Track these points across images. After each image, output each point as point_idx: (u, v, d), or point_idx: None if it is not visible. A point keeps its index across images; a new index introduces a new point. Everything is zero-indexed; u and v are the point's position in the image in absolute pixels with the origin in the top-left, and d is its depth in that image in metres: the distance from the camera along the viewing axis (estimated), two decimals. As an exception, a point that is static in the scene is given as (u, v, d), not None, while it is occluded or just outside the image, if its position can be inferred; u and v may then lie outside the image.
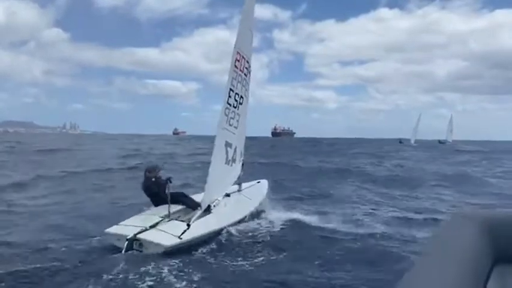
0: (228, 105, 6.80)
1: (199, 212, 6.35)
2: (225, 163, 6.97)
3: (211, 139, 7.38)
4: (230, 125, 6.94)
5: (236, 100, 6.99)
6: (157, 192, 6.62)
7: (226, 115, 6.80)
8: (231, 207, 7.11)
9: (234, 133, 7.09)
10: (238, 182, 8.10)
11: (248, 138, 8.25)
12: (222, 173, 6.88)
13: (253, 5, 7.35)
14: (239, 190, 8.06)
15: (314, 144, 58.12)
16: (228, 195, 7.55)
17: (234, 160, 7.30)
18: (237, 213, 6.90)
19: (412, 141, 56.61)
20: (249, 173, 8.73)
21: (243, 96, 7.23)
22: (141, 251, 5.52)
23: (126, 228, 5.81)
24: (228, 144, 6.96)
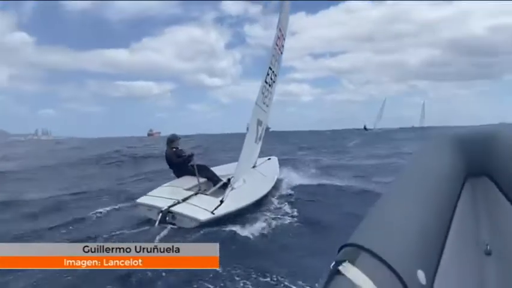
0: (265, 83, 6.70)
1: (228, 190, 6.34)
2: (255, 141, 6.95)
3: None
4: (264, 103, 6.87)
5: (271, 79, 6.89)
6: (178, 163, 6.58)
7: (263, 93, 6.71)
8: (251, 184, 7.11)
9: (265, 111, 7.03)
10: None
11: (224, 136, 8.06)
12: (252, 151, 6.89)
13: None
14: (254, 166, 8.08)
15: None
16: None
17: (260, 138, 7.29)
18: (259, 189, 6.91)
19: (374, 128, 55.84)
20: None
21: (276, 74, 7.14)
22: (174, 224, 5.47)
23: (158, 199, 5.76)
24: (259, 123, 6.91)
